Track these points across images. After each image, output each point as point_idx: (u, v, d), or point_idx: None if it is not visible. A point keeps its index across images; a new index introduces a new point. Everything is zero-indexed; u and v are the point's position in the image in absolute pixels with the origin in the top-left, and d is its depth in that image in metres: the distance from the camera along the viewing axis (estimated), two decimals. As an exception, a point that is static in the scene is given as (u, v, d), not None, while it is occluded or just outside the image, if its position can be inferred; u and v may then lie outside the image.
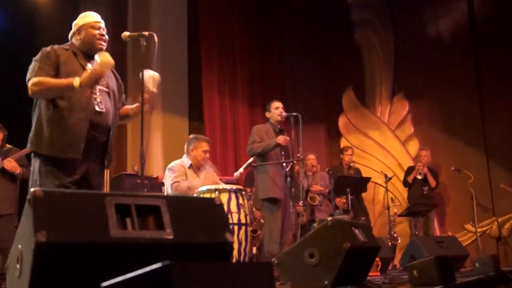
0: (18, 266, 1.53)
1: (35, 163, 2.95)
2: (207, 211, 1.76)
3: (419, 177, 7.09)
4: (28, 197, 1.50)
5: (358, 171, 7.31)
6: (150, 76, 3.08)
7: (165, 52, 6.55)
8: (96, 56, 2.93)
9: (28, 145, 2.97)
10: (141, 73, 3.07)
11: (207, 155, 4.72)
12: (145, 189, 5.65)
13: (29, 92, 2.91)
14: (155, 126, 6.74)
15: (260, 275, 1.18)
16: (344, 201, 6.71)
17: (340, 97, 9.02)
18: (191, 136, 4.83)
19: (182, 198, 2.08)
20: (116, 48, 6.41)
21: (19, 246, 1.54)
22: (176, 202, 1.70)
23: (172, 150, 6.53)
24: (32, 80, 2.90)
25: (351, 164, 7.22)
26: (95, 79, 2.87)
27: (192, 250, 1.66)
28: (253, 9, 8.44)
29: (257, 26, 8.44)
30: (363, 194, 7.14)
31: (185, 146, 4.72)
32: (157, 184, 6.04)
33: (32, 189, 1.50)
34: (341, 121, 8.99)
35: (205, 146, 4.66)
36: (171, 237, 1.61)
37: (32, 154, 3.00)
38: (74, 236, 1.44)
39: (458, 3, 8.35)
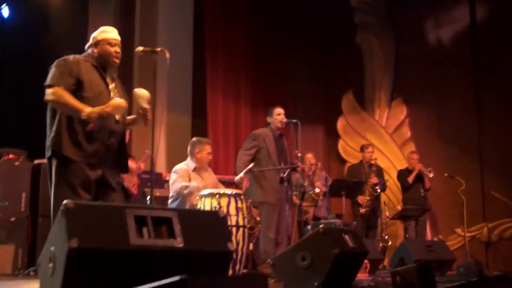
0: (50, 265, 1.79)
1: (54, 164, 3.03)
2: (212, 223, 2.06)
3: (431, 174, 7.03)
4: (61, 207, 1.76)
5: (380, 169, 7.19)
6: (141, 94, 3.29)
7: (171, 54, 6.72)
8: (112, 101, 3.06)
9: (49, 145, 3.02)
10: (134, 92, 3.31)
11: (210, 156, 5.02)
12: (149, 184, 5.90)
13: (45, 97, 3.01)
14: (159, 125, 6.94)
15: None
16: (368, 198, 6.82)
17: (340, 100, 9.09)
18: (194, 139, 5.08)
19: (191, 211, 2.37)
20: (123, 53, 6.58)
21: (52, 248, 1.81)
22: (186, 215, 2.00)
23: (175, 148, 6.79)
24: (53, 89, 2.99)
25: (372, 162, 7.08)
26: (100, 117, 2.95)
27: (199, 257, 1.95)
28: (257, 13, 8.55)
29: (261, 30, 8.56)
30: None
31: (189, 149, 4.99)
32: (161, 180, 6.25)
33: (64, 201, 1.77)
34: (340, 123, 9.07)
35: (208, 148, 4.97)
36: (182, 245, 1.90)
37: (49, 156, 3.05)
38: (100, 243, 1.72)
39: (460, 11, 8.45)
